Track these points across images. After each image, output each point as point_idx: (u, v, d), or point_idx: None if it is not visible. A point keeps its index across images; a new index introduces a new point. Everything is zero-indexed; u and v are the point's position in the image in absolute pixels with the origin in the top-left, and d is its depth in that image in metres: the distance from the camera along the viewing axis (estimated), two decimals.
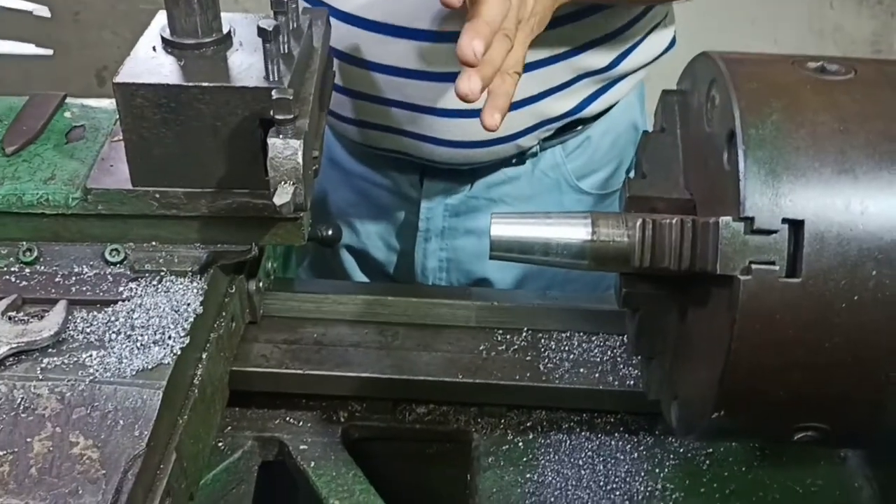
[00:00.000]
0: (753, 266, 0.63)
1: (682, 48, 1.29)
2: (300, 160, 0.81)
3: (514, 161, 1.26)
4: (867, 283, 0.62)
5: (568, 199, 1.30)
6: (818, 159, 0.64)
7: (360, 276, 1.42)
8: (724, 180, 0.67)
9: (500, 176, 1.28)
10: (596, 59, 1.18)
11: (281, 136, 0.81)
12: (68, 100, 1.05)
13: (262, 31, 0.83)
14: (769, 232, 0.63)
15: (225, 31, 0.90)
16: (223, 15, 0.91)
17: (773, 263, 0.63)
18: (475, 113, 1.17)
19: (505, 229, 0.75)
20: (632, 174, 0.91)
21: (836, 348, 0.63)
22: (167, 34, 0.90)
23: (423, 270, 1.34)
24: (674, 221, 0.70)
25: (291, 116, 0.81)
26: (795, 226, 0.63)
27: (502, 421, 1.00)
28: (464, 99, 0.83)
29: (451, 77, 1.13)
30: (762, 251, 0.63)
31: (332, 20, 1.14)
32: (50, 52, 1.00)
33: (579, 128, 1.27)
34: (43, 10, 0.99)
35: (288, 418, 1.01)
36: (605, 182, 1.32)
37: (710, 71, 0.72)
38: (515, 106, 1.17)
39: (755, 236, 0.63)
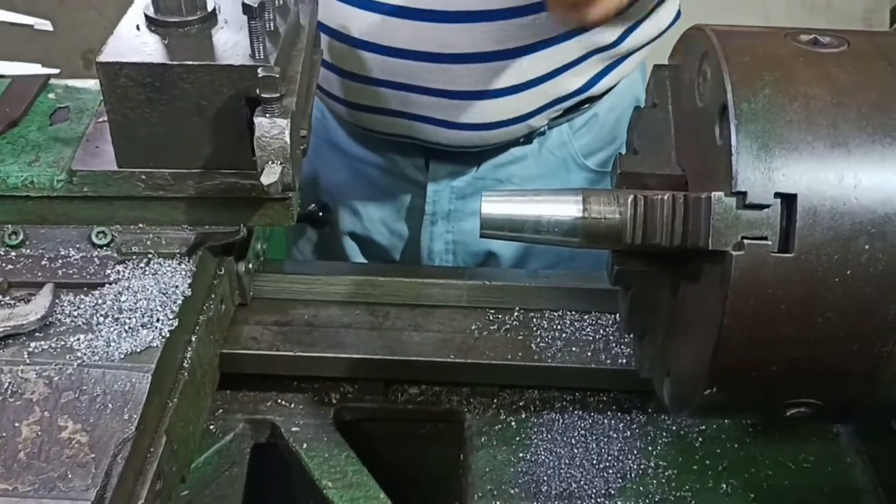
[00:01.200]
0: (746, 241, 0.62)
1: (674, 28, 1.28)
2: (287, 139, 0.80)
3: (521, 140, 1.25)
4: (860, 257, 0.62)
5: (575, 178, 1.30)
6: (811, 133, 0.63)
7: (363, 263, 1.41)
8: (716, 155, 0.66)
9: (508, 156, 1.27)
10: (605, 35, 1.18)
11: (268, 115, 0.80)
12: (52, 81, 1.04)
13: (247, 8, 0.82)
14: (761, 206, 0.62)
15: (210, 8, 0.89)
16: None
17: (765, 238, 0.62)
18: (486, 94, 1.17)
19: (495, 207, 0.74)
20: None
21: (829, 323, 0.63)
22: (151, 12, 0.88)
23: (429, 254, 1.33)
24: (665, 197, 0.69)
25: (278, 95, 0.80)
26: (788, 200, 0.62)
27: (495, 401, 1.00)
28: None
29: (464, 58, 1.13)
30: (754, 226, 0.62)
31: (335, 3, 1.12)
32: (56, 70, 0.98)
33: (586, 105, 1.26)
34: (45, 25, 0.97)
35: (279, 400, 1.01)
36: (611, 159, 1.32)
37: (701, 44, 0.71)
38: (528, 86, 1.17)
39: (747, 211, 0.63)
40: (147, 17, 0.88)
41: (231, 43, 0.86)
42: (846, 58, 0.68)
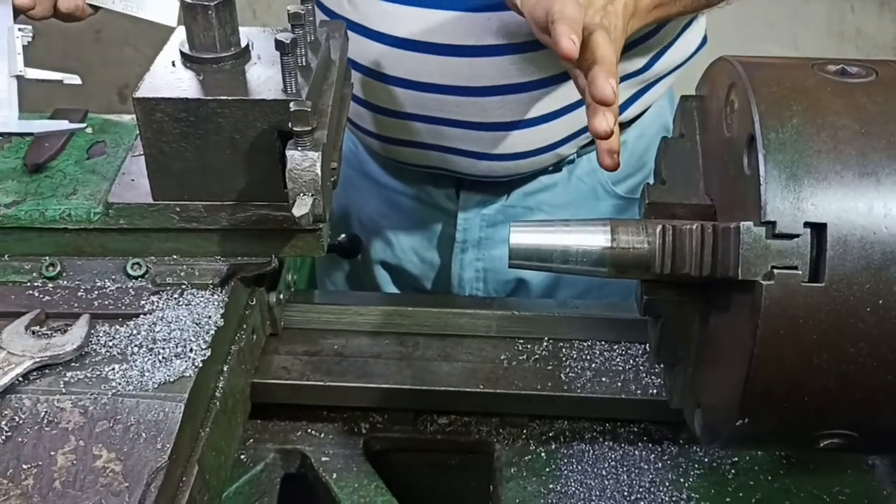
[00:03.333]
0: (776, 271, 0.62)
1: (701, 55, 1.28)
2: (318, 172, 0.82)
3: (550, 169, 1.26)
4: (892, 286, 0.61)
5: (604, 205, 1.30)
6: (840, 162, 0.63)
7: (393, 292, 1.42)
8: (745, 185, 0.66)
9: (537, 184, 1.28)
10: (634, 61, 1.19)
11: (299, 147, 0.82)
12: (89, 115, 1.06)
13: (279, 44, 0.84)
14: (791, 236, 0.62)
15: (243, 45, 0.91)
16: (241, 29, 0.92)
17: (795, 268, 0.62)
18: (517, 125, 1.18)
19: (524, 237, 0.74)
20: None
21: (861, 353, 0.62)
22: (186, 49, 0.90)
23: (459, 282, 1.34)
24: (694, 227, 0.69)
25: (310, 128, 0.82)
26: (818, 229, 0.62)
27: (524, 431, 1.00)
28: (601, 136, 0.79)
29: (492, 90, 1.14)
30: (784, 256, 0.62)
31: (362, 38, 1.14)
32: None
33: None
34: (74, 80, 1.00)
35: (309, 430, 1.01)
36: (640, 186, 1.32)
37: (728, 75, 0.71)
38: (557, 115, 1.18)
39: (777, 241, 0.63)
40: (182, 53, 0.90)
41: (264, 78, 0.88)
42: (874, 87, 0.68)
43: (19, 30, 0.97)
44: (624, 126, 1.26)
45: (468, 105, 1.15)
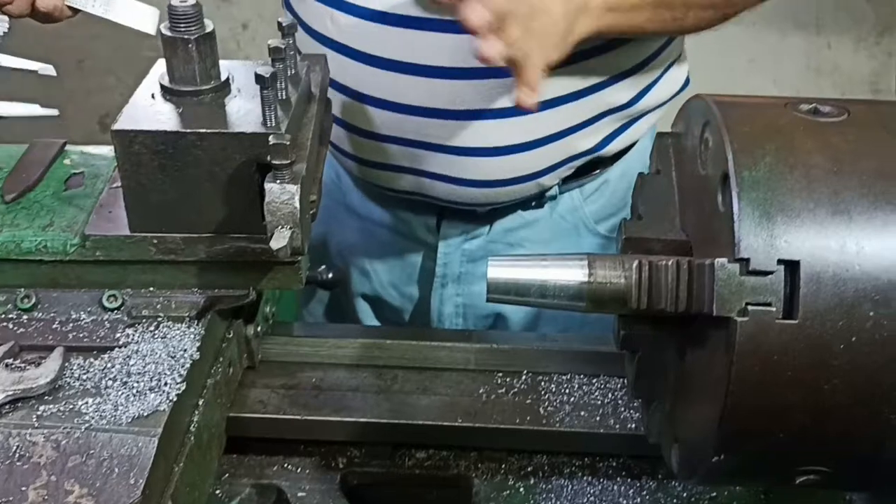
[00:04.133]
0: (750, 307, 0.63)
1: (684, 93, 1.30)
2: (297, 205, 0.82)
3: (532, 204, 1.26)
4: (865, 323, 0.62)
5: (586, 243, 1.30)
6: (812, 200, 0.64)
7: (373, 324, 1.41)
8: (719, 222, 0.66)
9: (519, 220, 1.27)
10: (619, 94, 1.19)
11: (278, 181, 0.82)
12: (68, 147, 1.06)
13: (259, 78, 0.84)
14: (765, 273, 0.63)
15: (223, 77, 0.91)
16: (221, 62, 0.92)
17: (769, 305, 0.63)
18: (497, 151, 1.18)
19: (502, 272, 0.74)
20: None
21: (835, 390, 0.63)
22: (166, 81, 0.91)
23: (439, 316, 1.33)
24: (670, 263, 0.70)
25: (288, 161, 0.82)
26: (791, 267, 0.63)
27: (503, 465, 0.99)
28: (486, 61, 0.85)
29: (473, 115, 1.14)
30: (758, 292, 0.63)
31: (345, 59, 1.14)
32: (55, 112, 1.01)
33: (597, 171, 1.27)
34: (48, 69, 1.00)
35: (286, 465, 1.00)
36: None
37: (703, 113, 0.72)
38: (541, 143, 1.17)
39: (751, 277, 0.63)
40: (162, 86, 0.90)
41: (243, 111, 0.88)
42: (846, 126, 0.69)
43: None
44: (606, 162, 1.27)
45: (448, 129, 1.15)
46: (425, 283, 1.33)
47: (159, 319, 0.90)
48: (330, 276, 1.35)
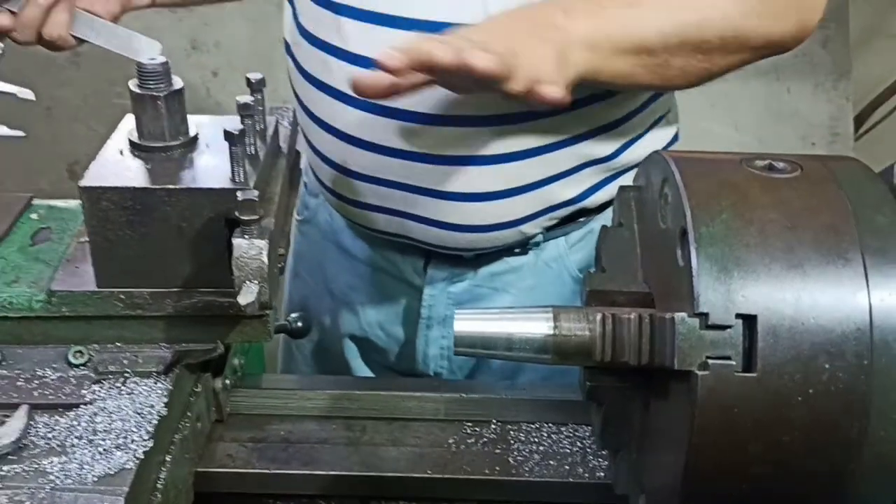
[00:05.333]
0: (710, 361, 0.64)
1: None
2: (265, 259, 0.82)
3: (517, 251, 1.27)
4: (821, 376, 0.63)
5: (570, 291, 1.29)
6: (768, 255, 0.66)
7: (359, 365, 1.41)
8: (679, 276, 0.68)
9: (504, 265, 1.28)
10: (599, 147, 1.20)
11: (246, 236, 0.83)
12: (35, 201, 1.06)
13: (228, 135, 0.85)
14: (723, 327, 0.64)
15: (192, 133, 0.92)
16: (190, 117, 0.93)
17: (728, 358, 0.64)
18: (479, 196, 1.19)
19: (467, 325, 0.75)
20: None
21: (794, 442, 0.64)
22: (134, 137, 0.91)
23: (424, 358, 1.33)
24: (632, 316, 0.71)
25: (257, 217, 0.83)
26: (749, 321, 0.64)
27: None
28: (382, 65, 0.85)
29: (457, 160, 1.16)
30: (718, 346, 0.64)
31: (336, 102, 1.15)
32: (22, 133, 1.01)
33: (582, 219, 1.28)
34: (27, 94, 1.01)
35: None
36: None
37: (662, 170, 0.74)
38: (520, 191, 1.18)
39: (710, 331, 0.64)
40: (131, 142, 0.91)
41: (212, 167, 0.89)
42: (800, 182, 0.71)
43: None
44: (591, 212, 1.28)
45: (431, 173, 1.16)
46: (411, 324, 1.34)
47: (126, 375, 0.90)
48: (300, 324, 1.35)
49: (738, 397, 0.64)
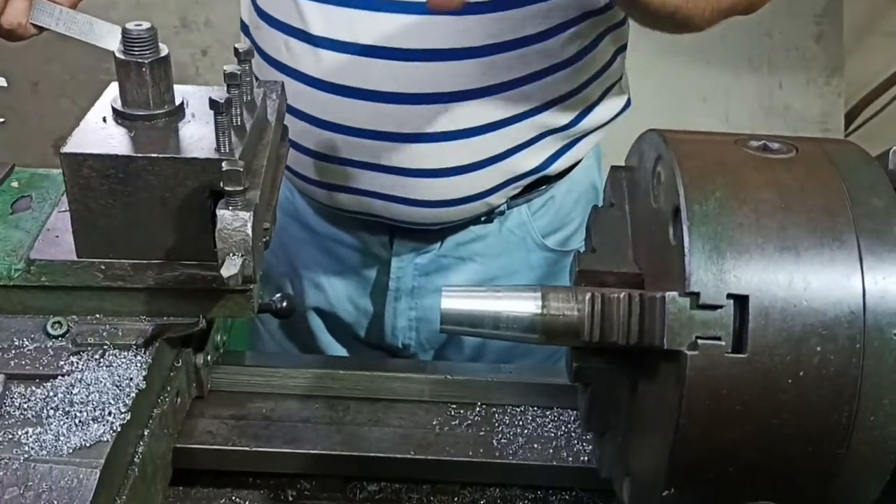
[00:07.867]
0: (700, 341, 0.63)
1: (636, 125, 1.32)
2: (249, 232, 0.81)
3: (482, 220, 1.28)
4: (812, 358, 0.62)
5: (535, 257, 1.33)
6: (761, 235, 0.65)
7: (327, 339, 1.41)
8: (671, 255, 0.67)
9: (469, 234, 1.30)
10: (558, 117, 1.23)
11: (230, 207, 0.81)
12: (16, 169, 1.04)
13: (213, 104, 0.83)
14: (714, 307, 0.63)
15: (178, 102, 0.90)
16: (176, 87, 0.91)
17: (719, 339, 0.63)
18: (445, 172, 1.20)
19: (455, 303, 0.74)
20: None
21: (784, 424, 0.63)
22: (118, 105, 0.89)
23: (392, 330, 1.34)
24: (622, 296, 0.70)
25: (241, 188, 0.81)
26: (740, 301, 0.63)
27: (455, 498, 0.98)
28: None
29: (419, 138, 1.16)
30: (708, 326, 0.63)
31: (299, 84, 1.16)
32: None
33: (543, 187, 1.30)
34: (0, 81, 0.99)
35: (234, 497, 0.98)
36: (568, 239, 1.36)
37: (655, 148, 0.73)
38: (485, 164, 1.21)
39: (701, 311, 0.63)
40: (114, 109, 0.89)
41: (197, 136, 0.87)
42: (795, 163, 0.70)
43: None
44: (552, 180, 1.30)
45: (395, 151, 1.17)
46: (379, 297, 1.34)
47: (105, 347, 0.88)
48: (284, 304, 1.34)
49: (727, 378, 0.63)
